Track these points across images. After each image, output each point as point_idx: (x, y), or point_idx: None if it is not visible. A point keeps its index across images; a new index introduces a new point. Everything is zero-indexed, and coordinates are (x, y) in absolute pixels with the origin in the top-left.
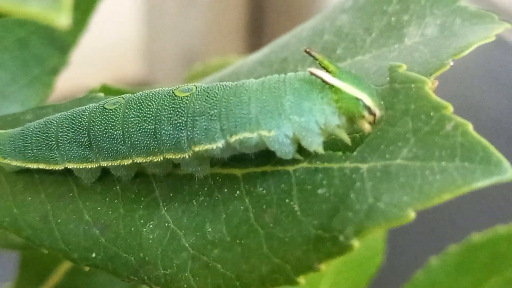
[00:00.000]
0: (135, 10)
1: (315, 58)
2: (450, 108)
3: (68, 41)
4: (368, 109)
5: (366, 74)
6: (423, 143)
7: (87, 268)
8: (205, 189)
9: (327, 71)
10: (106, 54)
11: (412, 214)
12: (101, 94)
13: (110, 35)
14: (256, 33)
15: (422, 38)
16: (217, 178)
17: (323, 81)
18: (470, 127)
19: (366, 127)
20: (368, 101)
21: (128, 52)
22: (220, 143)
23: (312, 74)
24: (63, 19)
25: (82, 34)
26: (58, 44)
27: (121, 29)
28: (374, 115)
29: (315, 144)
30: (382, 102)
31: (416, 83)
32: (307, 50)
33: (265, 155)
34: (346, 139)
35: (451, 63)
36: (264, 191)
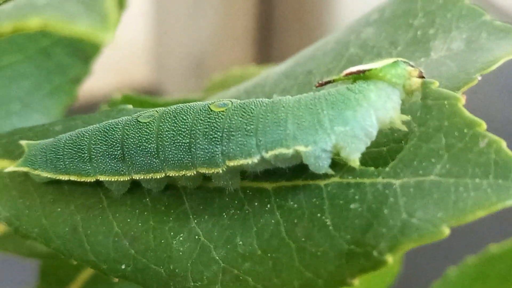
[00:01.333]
0: (144, 16)
1: (330, 82)
2: (484, 125)
3: (91, 50)
4: (408, 63)
5: None
6: (457, 159)
7: (116, 280)
8: (236, 202)
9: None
10: (115, 60)
11: (446, 231)
12: (130, 106)
13: (118, 40)
14: (265, 40)
15: (449, 52)
16: (248, 191)
17: (361, 72)
18: (503, 144)
19: (418, 81)
20: (402, 59)
21: (137, 58)
22: (255, 159)
23: (348, 74)
24: (109, 36)
25: (106, 44)
26: (81, 54)
27: (129, 35)
28: (417, 67)
29: (357, 152)
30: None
31: (450, 100)
32: (318, 83)
33: (296, 170)
34: (401, 124)
35: (479, 78)
36: (295, 205)
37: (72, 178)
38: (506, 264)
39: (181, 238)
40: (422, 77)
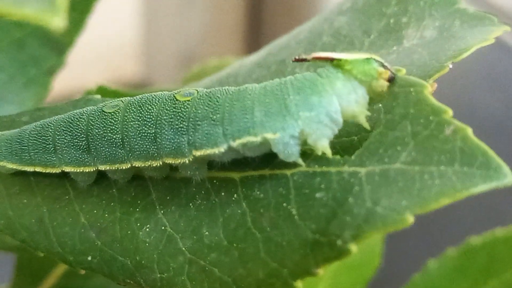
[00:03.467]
0: (133, 11)
1: (306, 60)
2: (450, 112)
3: (65, 41)
4: (382, 64)
5: None
6: (422, 147)
7: (82, 271)
8: (202, 192)
9: None
10: (104, 55)
11: (410, 219)
12: (98, 96)
13: (107, 35)
14: (255, 34)
15: (421, 40)
16: (215, 181)
17: (330, 59)
18: (469, 131)
19: (385, 84)
20: (377, 57)
21: (126, 53)
22: (222, 148)
23: (316, 58)
24: (58, 21)
25: (79, 35)
26: (55, 45)
27: (119, 29)
28: (389, 69)
29: (323, 139)
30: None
31: (416, 87)
32: (295, 58)
33: (264, 159)
34: (364, 119)
35: (450, 66)
36: (261, 195)
37: (38, 169)
38: (486, 256)
39: (147, 229)
40: (391, 80)
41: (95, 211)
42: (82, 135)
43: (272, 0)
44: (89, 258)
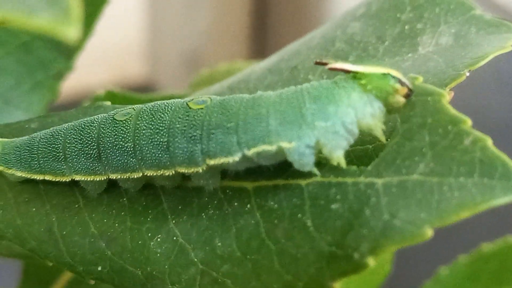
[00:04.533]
0: (139, 13)
1: (327, 64)
2: (469, 122)
3: (73, 45)
4: (399, 80)
5: None
6: (441, 158)
7: (92, 282)
8: (215, 202)
9: None
10: (109, 56)
11: (429, 232)
12: (108, 103)
13: (112, 37)
14: (260, 35)
15: (437, 47)
16: (227, 191)
17: (345, 71)
18: (489, 142)
19: (402, 100)
20: (395, 73)
21: (131, 54)
22: (237, 157)
23: (331, 69)
24: (72, 32)
25: (88, 39)
26: (63, 49)
27: (124, 31)
28: (406, 85)
29: (339, 150)
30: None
31: (433, 96)
32: (317, 61)
33: (278, 168)
34: (380, 132)
35: (467, 74)
36: (275, 205)
37: (47, 177)
38: (498, 263)
39: (158, 239)
40: (408, 96)
41: (105, 220)
42: (93, 143)
43: (277, 2)
44: (99, 268)
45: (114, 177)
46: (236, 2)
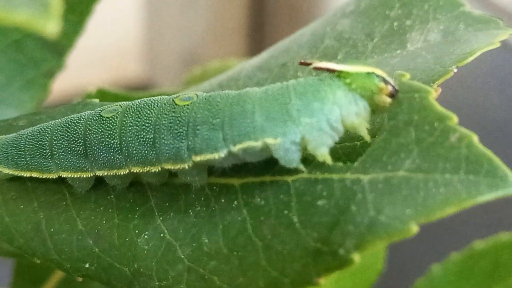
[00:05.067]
0: (135, 12)
1: (310, 64)
2: (455, 119)
3: (64, 44)
4: (383, 79)
5: None
6: (427, 154)
7: (80, 279)
8: (202, 199)
9: None
10: (105, 56)
11: (414, 228)
12: (96, 100)
13: (109, 36)
14: (257, 35)
15: (425, 43)
16: (214, 187)
17: (329, 70)
18: (475, 138)
19: (387, 100)
20: (379, 72)
21: (128, 54)
22: (222, 153)
23: (316, 68)
24: (51, 27)
25: (79, 37)
26: (54, 47)
27: (120, 30)
28: (391, 85)
29: (323, 147)
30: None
31: (420, 93)
32: (301, 61)
33: (264, 165)
34: (365, 131)
35: (455, 70)
36: (262, 202)
37: (34, 174)
38: (490, 260)
39: (146, 236)
40: (393, 95)
41: (92, 218)
42: (80, 140)
43: (274, 1)
44: (87, 266)
45: (101, 174)
46: (234, 2)
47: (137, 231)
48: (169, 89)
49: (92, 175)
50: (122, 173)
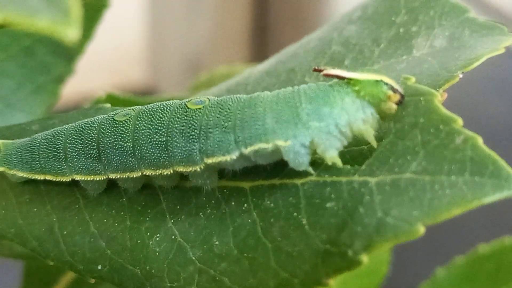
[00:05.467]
0: (139, 16)
1: (323, 71)
2: (460, 122)
3: (74, 49)
4: (391, 87)
5: None
6: (433, 156)
7: (92, 280)
8: (212, 201)
9: None
10: (110, 60)
11: (421, 229)
12: (108, 105)
13: (114, 41)
14: (261, 40)
15: (431, 49)
16: (225, 190)
17: (339, 77)
18: (479, 140)
19: (394, 107)
20: (388, 80)
21: (132, 59)
22: (234, 155)
23: (326, 75)
24: (72, 33)
25: (89, 43)
26: (64, 53)
27: (125, 35)
28: (399, 92)
29: (332, 150)
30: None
31: (426, 96)
32: (315, 68)
33: (274, 168)
34: (371, 137)
35: (460, 76)
36: (272, 204)
37: (48, 177)
38: (494, 264)
39: (157, 238)
40: (401, 102)
41: (105, 220)
42: (93, 144)
43: (278, 6)
44: (99, 267)
45: (114, 177)
46: (237, 7)
47: (148, 233)
48: (178, 94)
49: (105, 178)
50: (134, 176)
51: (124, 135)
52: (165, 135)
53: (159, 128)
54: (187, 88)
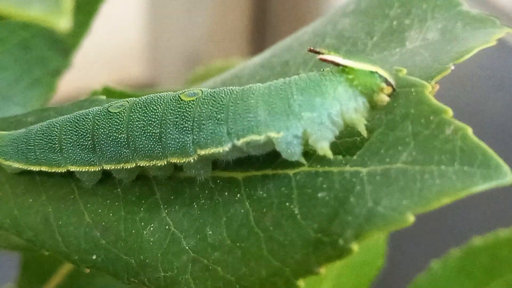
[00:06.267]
0: (138, 12)
1: (320, 53)
2: (450, 112)
3: (71, 43)
4: (385, 80)
5: None
6: (423, 147)
7: (87, 270)
8: (206, 192)
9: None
10: (109, 56)
11: (411, 218)
12: (103, 97)
13: (113, 36)
14: (260, 35)
15: (424, 42)
16: (218, 181)
17: (335, 64)
18: (469, 131)
19: (386, 99)
20: (382, 72)
21: (131, 54)
22: (227, 147)
23: (322, 60)
24: (63, 22)
25: (85, 37)
26: (61, 46)
27: (124, 30)
28: (391, 85)
29: (324, 140)
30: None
31: (416, 87)
32: (311, 48)
33: (266, 159)
34: (363, 126)
35: (452, 67)
36: (264, 195)
37: (43, 168)
38: (490, 256)
39: (151, 228)
40: (392, 95)
41: (99, 211)
42: (88, 135)
43: (277, 2)
44: (94, 257)
45: (108, 168)
46: (236, 2)
47: (143, 224)
48: (173, 87)
49: (99, 169)
50: (129, 167)
51: (119, 127)
52: (159, 126)
53: (153, 119)
54: (183, 82)
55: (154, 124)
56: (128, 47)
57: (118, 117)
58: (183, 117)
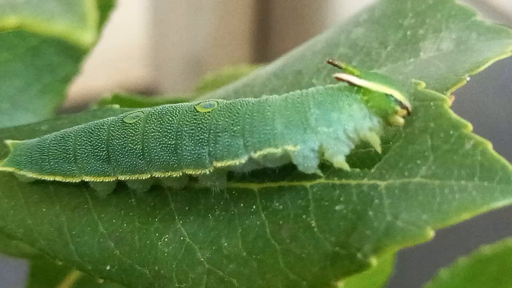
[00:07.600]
0: (142, 16)
1: (338, 67)
2: (470, 127)
3: (81, 49)
4: (400, 103)
5: None
6: (442, 161)
7: (101, 281)
8: (221, 203)
9: (353, 75)
10: (113, 60)
11: (431, 233)
12: (117, 106)
13: (116, 41)
14: (263, 40)
15: (438, 52)
16: (233, 192)
17: (350, 83)
18: (489, 146)
19: (401, 121)
20: (398, 95)
21: (135, 58)
22: (243, 159)
23: (338, 79)
24: (88, 37)
25: (96, 43)
26: (71, 53)
27: (127, 34)
28: (407, 108)
29: (340, 155)
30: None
31: (436, 101)
32: (329, 60)
33: (283, 170)
34: (377, 144)
35: (468, 79)
36: (280, 206)
37: (57, 178)
38: (498, 265)
39: (166, 239)
40: (408, 115)
41: (113, 221)
42: (103, 146)
43: (280, 6)
44: (108, 267)
45: (123, 179)
46: (239, 7)
47: (157, 234)
48: (184, 95)
49: (114, 179)
50: (143, 178)
51: (134, 138)
52: (175, 138)
53: (169, 131)
54: (192, 89)
55: (170, 135)
56: (130, 51)
57: (133, 127)
58: (199, 128)
